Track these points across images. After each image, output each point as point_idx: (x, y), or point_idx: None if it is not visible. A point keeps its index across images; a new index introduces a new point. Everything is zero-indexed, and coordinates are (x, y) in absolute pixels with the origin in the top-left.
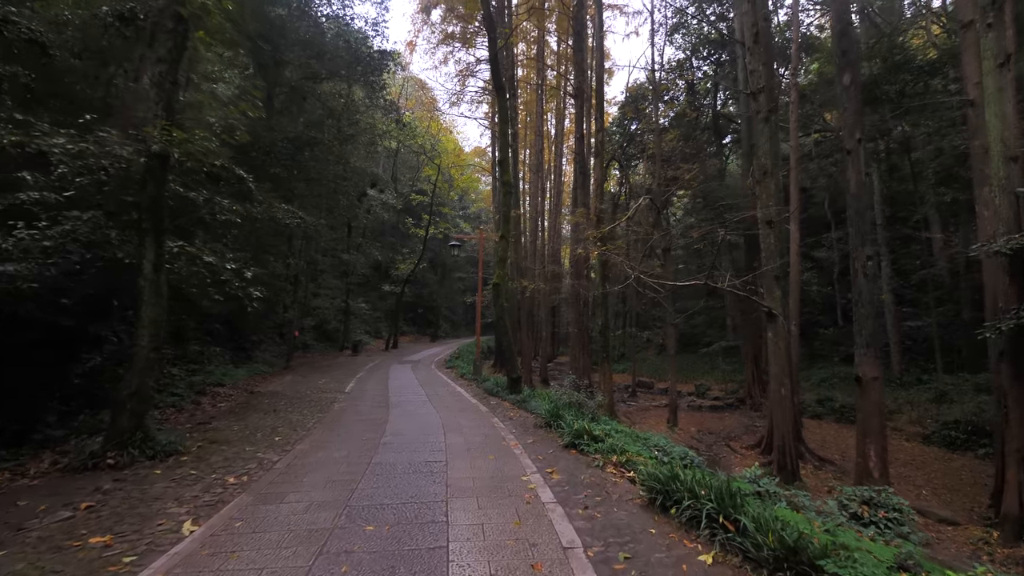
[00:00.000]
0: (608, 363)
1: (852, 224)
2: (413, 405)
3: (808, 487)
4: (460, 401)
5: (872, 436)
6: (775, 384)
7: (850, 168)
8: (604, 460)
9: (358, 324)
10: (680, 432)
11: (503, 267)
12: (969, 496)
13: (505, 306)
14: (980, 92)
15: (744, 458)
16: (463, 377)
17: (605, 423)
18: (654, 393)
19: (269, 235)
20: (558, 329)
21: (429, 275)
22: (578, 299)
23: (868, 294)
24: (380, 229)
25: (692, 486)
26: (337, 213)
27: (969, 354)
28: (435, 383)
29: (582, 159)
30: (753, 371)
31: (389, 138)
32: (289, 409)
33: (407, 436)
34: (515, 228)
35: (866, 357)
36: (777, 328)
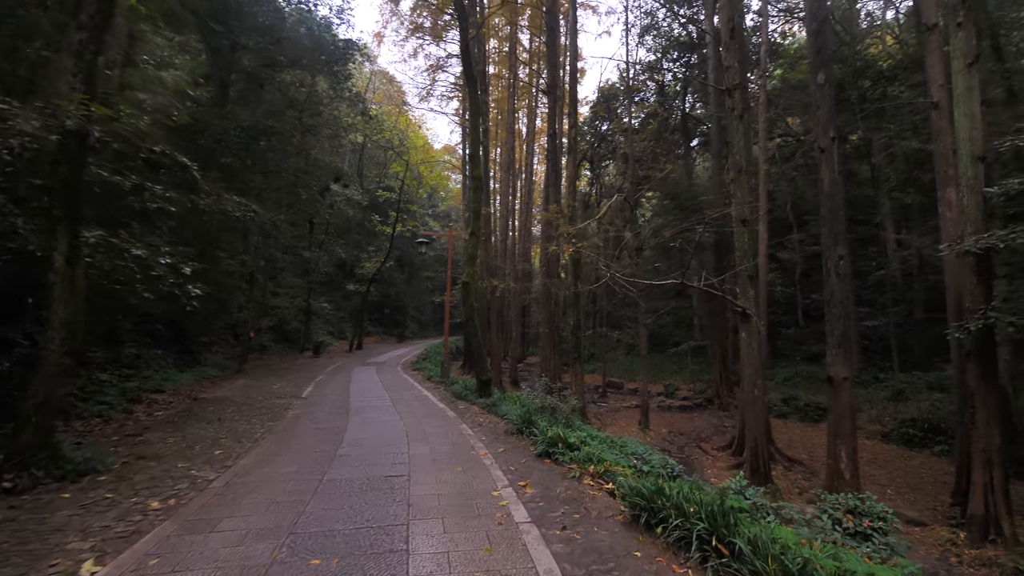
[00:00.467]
0: (580, 364)
1: (825, 223)
2: (375, 411)
3: (780, 489)
4: (426, 406)
5: (843, 437)
6: (748, 385)
7: (823, 167)
8: (581, 471)
9: (320, 325)
10: (651, 433)
11: (473, 265)
12: (931, 495)
13: (475, 306)
14: (944, 94)
15: (715, 460)
16: (430, 380)
17: (580, 428)
18: (624, 393)
19: (220, 230)
20: (528, 329)
21: (396, 274)
22: (549, 299)
23: (840, 294)
24: (345, 227)
25: (679, 502)
26: (298, 208)
27: (922, 353)
28: (400, 386)
29: (554, 156)
30: (721, 371)
31: (355, 131)
32: (236, 417)
33: (367, 447)
34: (485, 226)
35: (838, 357)
36: (751, 328)
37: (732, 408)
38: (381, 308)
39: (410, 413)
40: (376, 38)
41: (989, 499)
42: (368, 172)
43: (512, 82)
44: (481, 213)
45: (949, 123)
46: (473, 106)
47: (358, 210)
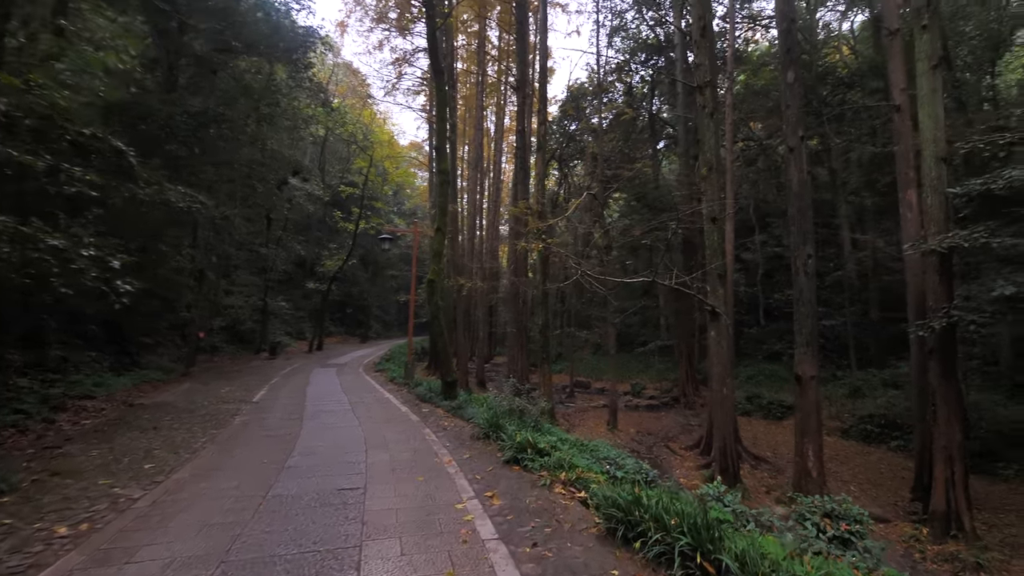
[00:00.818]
0: (548, 364)
1: (793, 222)
2: (333, 415)
3: (748, 489)
4: (388, 409)
5: (810, 435)
6: (717, 384)
7: (792, 166)
8: (551, 478)
9: (278, 325)
10: (619, 433)
11: (439, 262)
12: (891, 490)
13: (440, 304)
14: (906, 98)
15: (683, 459)
16: (393, 381)
17: (550, 432)
18: (591, 393)
19: (166, 223)
20: (495, 329)
21: (359, 272)
22: (517, 298)
23: (808, 292)
24: (305, 223)
25: (659, 513)
26: (253, 202)
27: (877, 351)
28: (361, 389)
29: (523, 154)
30: (687, 370)
31: (315, 123)
32: (175, 425)
33: (320, 456)
34: (452, 224)
35: (805, 356)
36: (720, 327)
37: (698, 407)
38: (343, 307)
39: (370, 417)
40: (339, 27)
41: (950, 495)
42: (331, 167)
43: (480, 79)
44: (448, 209)
45: (910, 126)
46: (440, 98)
47: (319, 206)
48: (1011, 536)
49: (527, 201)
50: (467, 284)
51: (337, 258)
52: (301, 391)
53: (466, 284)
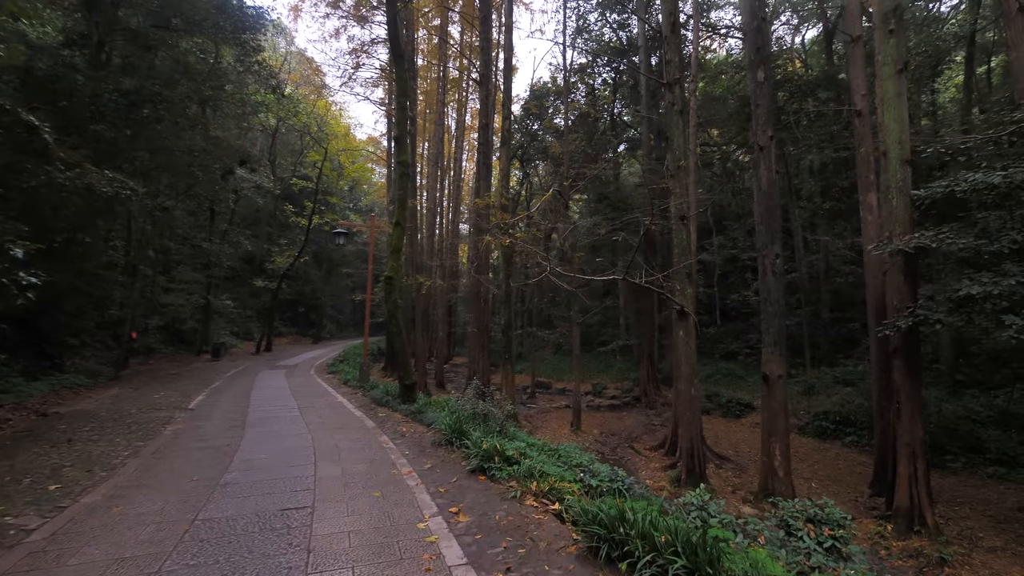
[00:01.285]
0: (511, 364)
1: (761, 222)
2: (279, 422)
3: (715, 489)
4: (341, 414)
5: (777, 435)
6: (684, 385)
7: (761, 165)
8: (522, 489)
9: (223, 324)
10: (583, 435)
11: (397, 258)
12: (850, 486)
13: (399, 303)
14: (866, 103)
15: (648, 460)
16: (347, 384)
17: (517, 437)
18: (552, 394)
19: (90, 211)
20: (455, 329)
21: (313, 270)
22: (478, 296)
23: (776, 292)
24: (254, 217)
25: (646, 530)
26: (196, 193)
27: (827, 350)
28: (312, 392)
29: (486, 149)
30: (648, 370)
31: (265, 111)
32: (94, 437)
33: (262, 470)
34: (411, 220)
35: (773, 355)
36: (688, 326)
37: (659, 406)
38: (295, 307)
39: (321, 424)
40: (293, 12)
41: (913, 491)
42: (283, 160)
43: (442, 74)
44: (407, 203)
45: (870, 131)
46: (401, 85)
47: (269, 199)
48: (967, 529)
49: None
50: (426, 283)
51: (288, 254)
52: (245, 396)
53: (425, 283)
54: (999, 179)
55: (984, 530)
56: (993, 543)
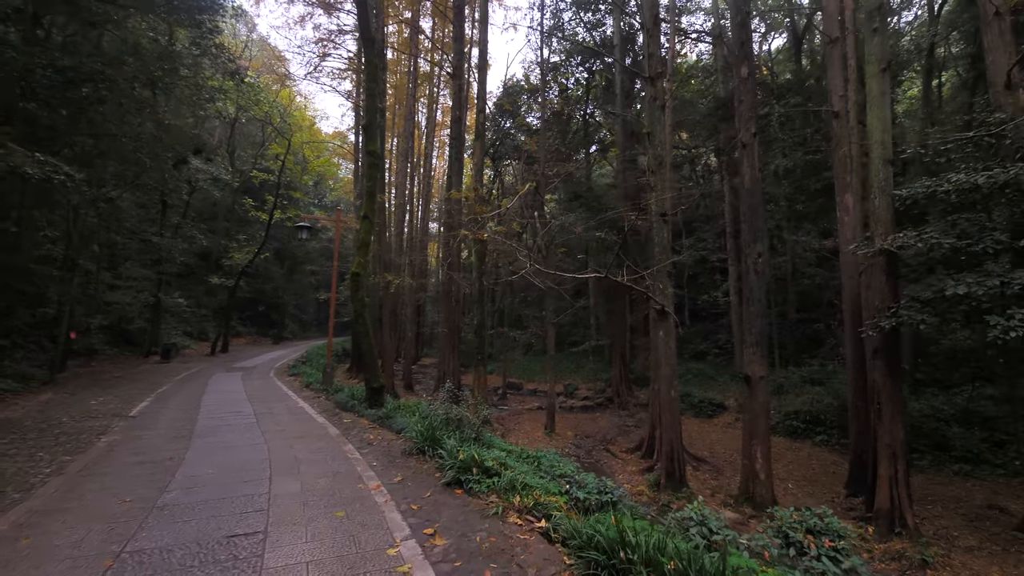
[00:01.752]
0: (483, 366)
1: (745, 220)
2: (232, 431)
3: (694, 493)
4: (302, 421)
5: (759, 437)
6: (664, 386)
7: (745, 163)
8: (503, 504)
9: (175, 324)
10: (558, 437)
11: (365, 254)
12: (826, 486)
13: (366, 302)
14: (844, 105)
15: (625, 463)
16: (309, 387)
17: (493, 444)
18: (524, 395)
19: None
20: (423, 329)
21: (274, 268)
22: (449, 296)
23: (758, 291)
24: (211, 212)
25: (652, 555)
26: (146, 183)
27: (793, 350)
28: (271, 396)
29: (458, 144)
30: (621, 370)
31: (223, 97)
32: (12, 450)
33: (208, 488)
34: (379, 215)
35: (755, 356)
36: (668, 327)
37: (632, 407)
38: (255, 305)
39: (279, 432)
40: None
41: (894, 492)
42: (243, 152)
43: (413, 68)
44: (376, 196)
45: (848, 132)
46: (370, 70)
47: (227, 192)
48: (943, 528)
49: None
50: (395, 281)
51: (247, 250)
52: (195, 401)
53: (394, 281)
54: (983, 179)
55: (958, 529)
56: (969, 542)
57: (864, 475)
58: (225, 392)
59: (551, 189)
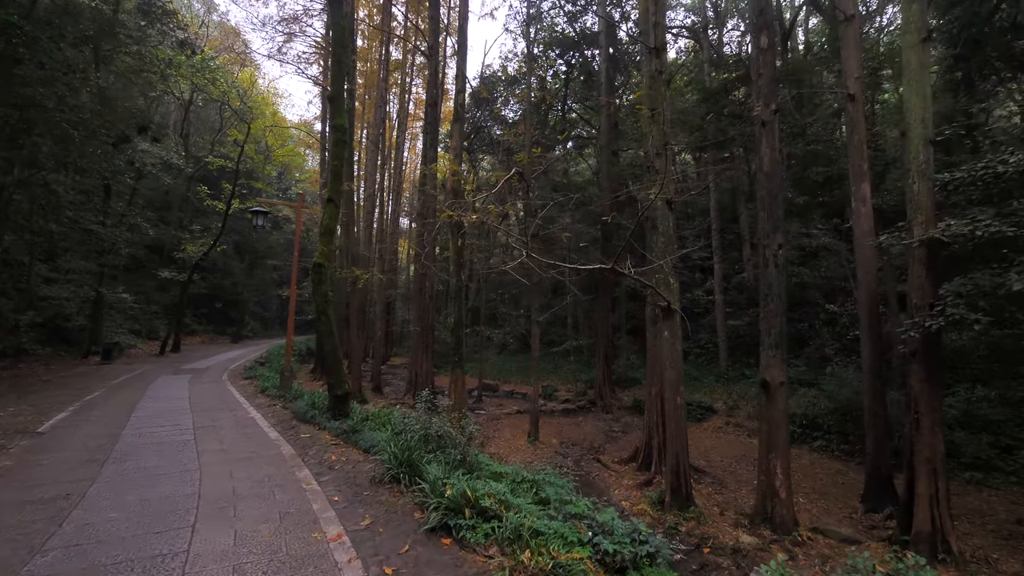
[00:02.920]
0: (461, 368)
1: (763, 206)
2: (160, 452)
3: (704, 513)
4: (250, 437)
5: (778, 450)
6: (670, 393)
7: (763, 143)
8: (510, 564)
9: (120, 321)
10: (542, 446)
11: (329, 243)
12: (838, 499)
13: (330, 297)
14: (860, 87)
15: (619, 476)
16: (264, 393)
17: (482, 465)
18: (500, 397)
19: None
20: (393, 327)
21: (234, 262)
22: (422, 292)
23: (778, 287)
24: (163, 201)
25: None
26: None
27: None
28: (218, 405)
29: (434, 130)
30: (604, 372)
31: (175, 73)
32: None
33: (103, 545)
34: (347, 206)
35: (774, 359)
36: (674, 326)
37: (616, 410)
38: (212, 302)
39: (220, 453)
40: None
41: (935, 513)
42: (200, 138)
43: (384, 53)
44: (343, 176)
45: (863, 116)
46: (337, 33)
47: (181, 180)
48: (977, 549)
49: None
50: (364, 275)
51: (202, 243)
52: (126, 411)
53: (363, 275)
54: None
55: (995, 549)
56: (1012, 566)
57: (883, 489)
58: (165, 399)
59: (535, 176)
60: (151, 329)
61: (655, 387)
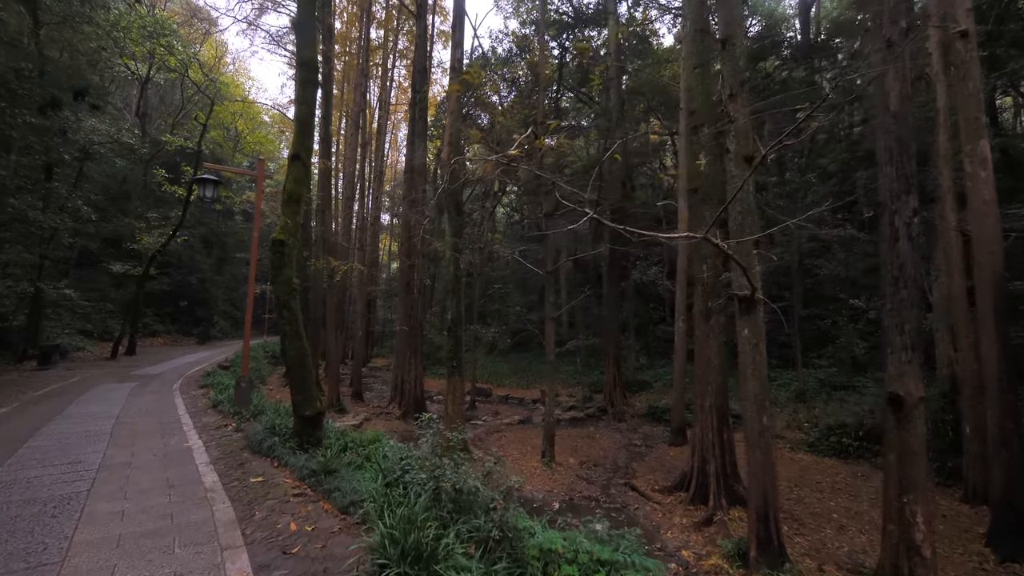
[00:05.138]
0: (460, 375)
1: (888, 159)
2: (23, 515)
3: (802, 572)
4: (173, 486)
5: (917, 490)
6: (754, 410)
7: (890, 73)
8: None
9: (70, 320)
10: (559, 468)
11: (294, 212)
12: (954, 542)
13: (295, 284)
14: (972, 20)
15: (666, 510)
16: (218, 408)
17: (532, 544)
18: (493, 402)
19: None
20: (373, 327)
21: (201, 257)
22: (409, 286)
23: (912, 268)
24: (120, 190)
25: None
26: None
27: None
28: (151, 427)
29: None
30: (614, 375)
31: (123, 36)
32: None
33: None
34: (324, 186)
35: (909, 366)
36: (755, 322)
37: (630, 418)
38: (176, 300)
39: (114, 518)
40: None
41: None
42: (163, 122)
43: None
44: (312, 127)
45: (976, 56)
46: None
47: (137, 164)
48: None
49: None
50: (343, 268)
51: (160, 232)
52: (20, 438)
53: (341, 268)
54: None
55: None
56: None
57: (1021, 529)
58: (85, 419)
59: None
60: (105, 330)
61: (709, 398)
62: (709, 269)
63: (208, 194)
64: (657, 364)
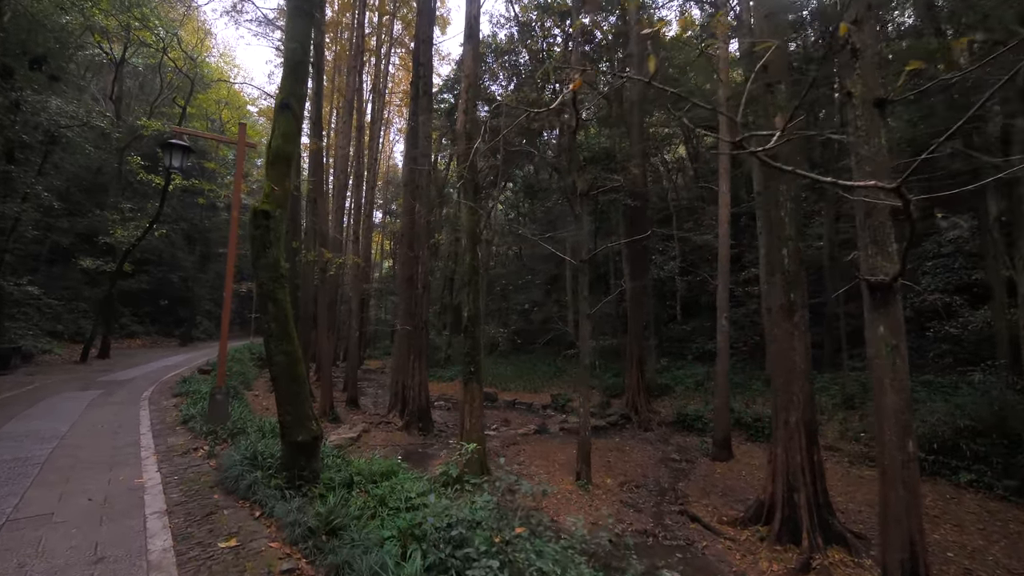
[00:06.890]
0: (479, 381)
1: None
2: None
3: None
4: (100, 559)
5: None
6: (892, 431)
7: None
8: None
9: (38, 320)
10: (596, 490)
11: (284, 176)
12: None
13: (283, 269)
14: None
15: (745, 551)
16: (187, 425)
17: None
18: (500, 407)
19: None
20: (366, 327)
21: (183, 254)
22: (411, 281)
23: None
24: (95, 182)
25: None
26: None
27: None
28: (100, 455)
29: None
30: (638, 379)
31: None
32: None
33: None
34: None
35: None
36: (893, 316)
37: (656, 427)
38: (156, 298)
39: None
40: None
41: None
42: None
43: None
44: (307, 68)
45: None
46: None
47: (112, 153)
48: None
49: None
50: (337, 260)
51: (135, 225)
52: None
53: (336, 260)
54: None
55: None
56: None
57: None
58: (23, 439)
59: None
60: (77, 331)
61: (795, 412)
62: (791, 254)
63: (175, 163)
64: (674, 366)
